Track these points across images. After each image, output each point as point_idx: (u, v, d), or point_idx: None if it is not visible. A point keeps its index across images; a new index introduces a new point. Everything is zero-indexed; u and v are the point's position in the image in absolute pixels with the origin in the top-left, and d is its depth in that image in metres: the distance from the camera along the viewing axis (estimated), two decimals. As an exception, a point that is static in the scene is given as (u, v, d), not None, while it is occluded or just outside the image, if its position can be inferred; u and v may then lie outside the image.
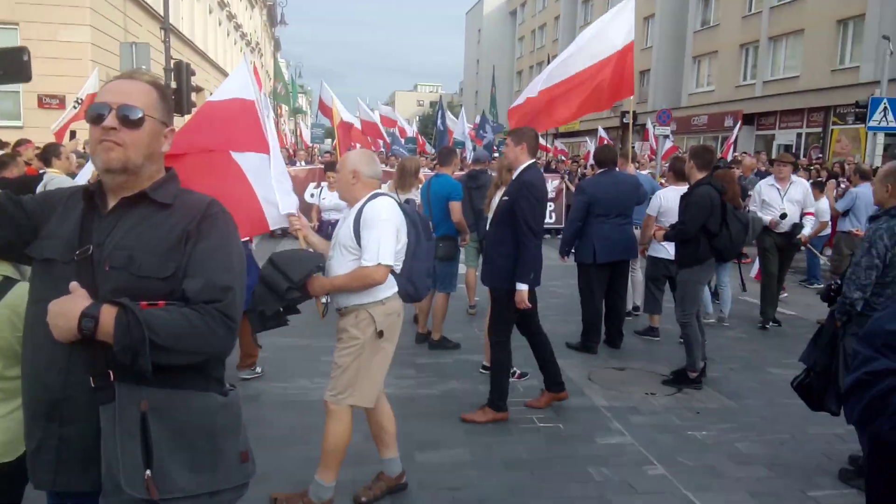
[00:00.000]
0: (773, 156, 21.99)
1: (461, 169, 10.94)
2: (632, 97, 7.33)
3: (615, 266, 6.18)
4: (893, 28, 19.10)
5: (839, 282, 3.50)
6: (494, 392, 4.47)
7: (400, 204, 3.28)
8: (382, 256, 3.06)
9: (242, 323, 3.55)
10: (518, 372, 5.15)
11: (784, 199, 7.08)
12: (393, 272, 3.18)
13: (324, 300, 3.44)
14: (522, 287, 4.26)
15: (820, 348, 3.44)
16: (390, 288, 3.21)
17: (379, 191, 3.29)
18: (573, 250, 6.20)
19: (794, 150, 23.04)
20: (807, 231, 7.16)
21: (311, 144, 19.02)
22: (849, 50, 22.25)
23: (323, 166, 10.06)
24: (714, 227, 5.08)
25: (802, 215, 7.14)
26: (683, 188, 7.13)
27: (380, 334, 3.16)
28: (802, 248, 8.07)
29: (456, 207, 6.13)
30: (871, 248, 3.29)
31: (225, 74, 30.24)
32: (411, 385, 5.18)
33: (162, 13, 15.82)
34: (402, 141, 21.79)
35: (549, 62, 8.44)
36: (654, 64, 34.05)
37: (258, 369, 5.24)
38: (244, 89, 3.59)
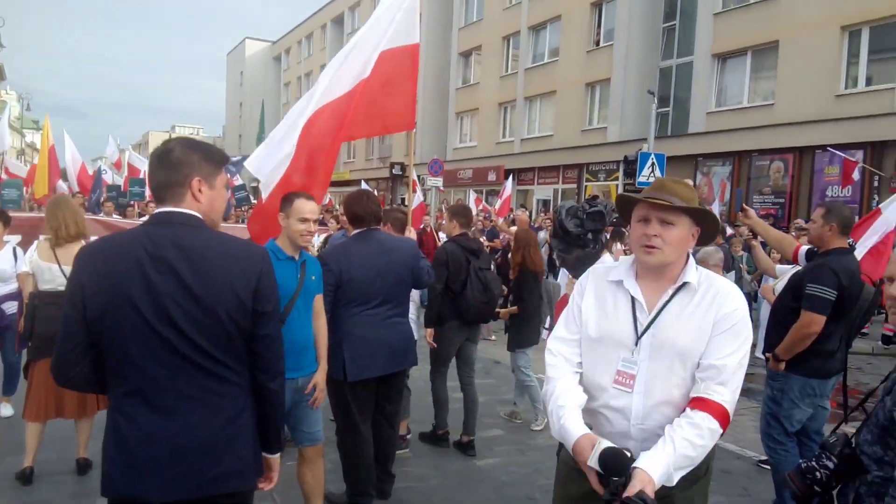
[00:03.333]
0: (536, 210, 22.46)
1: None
2: (403, 147, 5.56)
3: (385, 379, 4.10)
4: (636, 92, 20.55)
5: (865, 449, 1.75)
6: None
7: None
8: None
9: None
10: None
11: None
12: None
13: None
14: None
15: None
16: None
17: None
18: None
19: (551, 206, 23.80)
20: None
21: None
22: (597, 111, 23.72)
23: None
24: (455, 286, 5.06)
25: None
26: None
27: None
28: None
29: None
30: None
31: None
32: None
33: None
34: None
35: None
36: (420, 119, 34.06)
37: None
38: None
